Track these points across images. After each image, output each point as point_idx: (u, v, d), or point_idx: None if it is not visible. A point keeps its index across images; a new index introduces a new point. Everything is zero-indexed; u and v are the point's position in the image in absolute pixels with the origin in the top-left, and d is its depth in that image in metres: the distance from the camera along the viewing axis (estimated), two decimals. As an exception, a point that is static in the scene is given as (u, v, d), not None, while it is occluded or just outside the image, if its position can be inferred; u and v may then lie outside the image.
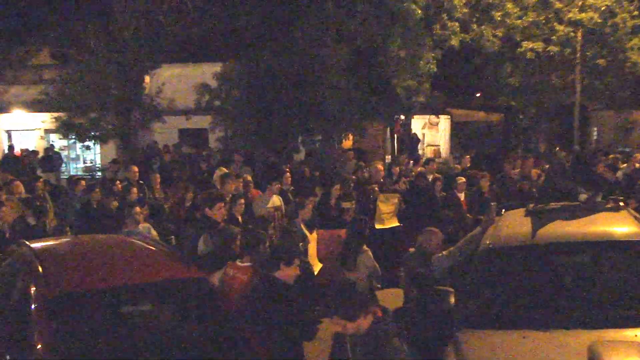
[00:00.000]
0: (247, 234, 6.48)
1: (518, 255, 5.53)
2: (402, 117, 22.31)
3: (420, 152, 26.78)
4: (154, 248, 6.12)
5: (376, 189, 10.79)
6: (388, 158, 22.95)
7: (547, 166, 11.98)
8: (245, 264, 5.99)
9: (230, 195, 9.24)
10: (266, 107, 16.38)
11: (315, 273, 8.00)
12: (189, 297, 5.40)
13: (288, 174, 11.68)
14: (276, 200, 9.92)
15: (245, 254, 6.12)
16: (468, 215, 10.47)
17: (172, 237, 9.67)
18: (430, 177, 11.96)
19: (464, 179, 11.28)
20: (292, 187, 11.50)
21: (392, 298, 7.69)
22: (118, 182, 11.57)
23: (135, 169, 11.87)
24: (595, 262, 5.64)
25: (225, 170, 11.87)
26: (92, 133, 18.02)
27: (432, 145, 29.82)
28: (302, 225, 8.49)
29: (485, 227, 6.10)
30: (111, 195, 10.36)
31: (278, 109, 16.32)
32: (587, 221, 5.71)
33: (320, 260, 8.35)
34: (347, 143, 20.86)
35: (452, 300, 5.28)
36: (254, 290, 5.40)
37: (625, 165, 15.10)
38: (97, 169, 22.88)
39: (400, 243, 9.64)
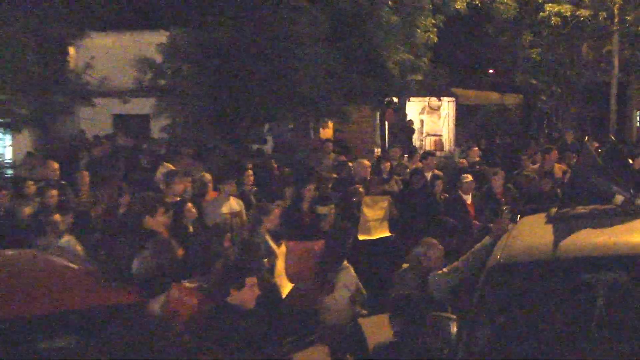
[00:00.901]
0: (198, 248, 6.49)
1: (537, 274, 5.52)
2: (395, 99, 22.35)
3: (417, 143, 26.92)
4: (77, 267, 6.06)
5: (361, 190, 10.79)
6: (377, 151, 23.00)
7: (575, 160, 12.08)
8: (195, 285, 5.97)
9: (178, 198, 9.17)
10: (224, 88, 16.28)
11: (284, 296, 7.97)
12: (121, 329, 5.34)
13: (250, 171, 11.62)
14: (234, 204, 9.92)
15: (196, 273, 6.11)
16: (476, 222, 10.52)
17: (103, 252, 9.56)
18: (428, 175, 11.99)
19: (471, 177, 11.33)
20: (255, 188, 11.47)
21: (380, 327, 7.69)
22: (31, 182, 11.40)
23: (55, 165, 11.73)
24: (635, 283, 5.67)
25: (171, 167, 11.79)
26: (1, 120, 17.77)
27: (433, 135, 30.03)
28: (268, 237, 8.51)
29: (496, 237, 6.10)
30: (23, 199, 10.21)
31: (240, 89, 16.21)
32: (624, 230, 5.71)
33: (290, 280, 8.33)
34: (326, 132, 20.87)
35: (454, 329, 5.26)
36: (204, 318, 5.38)
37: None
38: (7, 165, 22.55)
39: (391, 258, 9.64)
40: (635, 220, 5.90)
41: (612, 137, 7.76)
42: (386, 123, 24.33)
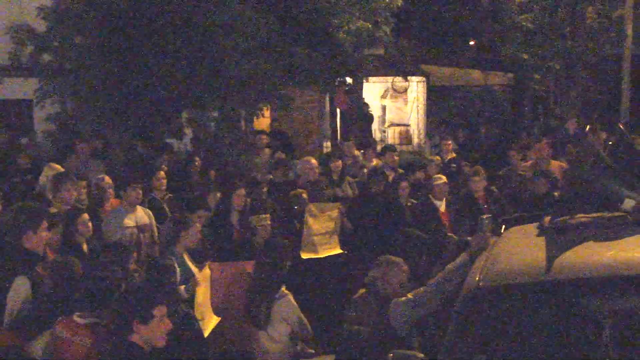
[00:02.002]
0: (94, 271, 6.43)
1: (527, 300, 5.57)
2: (348, 80, 22.40)
3: (377, 135, 27.02)
4: None
5: (304, 195, 10.81)
6: (327, 146, 23.04)
7: (575, 155, 12.27)
8: (88, 321, 5.91)
9: (69, 208, 9.10)
10: (129, 66, 16.14)
11: (207, 332, 7.96)
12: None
13: (163, 172, 11.55)
14: (141, 214, 9.91)
15: (89, 306, 6.05)
16: (451, 235, 10.59)
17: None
18: (391, 176, 12.03)
19: (444, 178, 11.41)
20: (169, 194, 11.43)
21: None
22: None
23: None
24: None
25: (59, 167, 11.66)
26: None
27: (398, 125, 30.15)
28: (186, 256, 8.50)
29: (474, 254, 6.15)
30: None
31: (150, 68, 16.09)
32: (635, 243, 5.79)
33: (216, 312, 8.33)
34: (261, 122, 20.80)
35: (423, 371, 5.29)
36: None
37: None
38: None
39: (342, 282, 9.68)
40: (649, 230, 6.01)
41: (622, 126, 7.81)
42: (338, 110, 24.35)
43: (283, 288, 7.49)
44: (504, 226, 6.96)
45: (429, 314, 6.30)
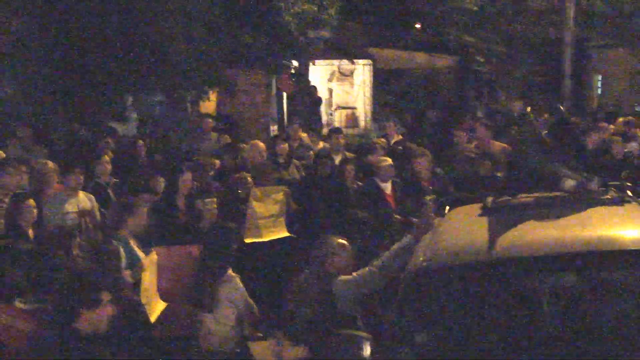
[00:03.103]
0: (35, 257, 6.38)
1: (469, 279, 5.63)
2: (295, 63, 22.38)
3: (325, 118, 27.01)
4: None
5: (249, 179, 10.78)
6: (274, 129, 22.99)
7: (516, 137, 12.39)
8: (29, 307, 5.86)
9: (11, 194, 9.06)
10: (72, 48, 15.98)
11: (153, 317, 7.92)
12: None
13: (107, 157, 11.46)
14: (84, 200, 9.84)
15: (31, 290, 6.00)
16: (397, 216, 10.65)
17: None
18: (337, 158, 12.05)
19: (390, 160, 11.44)
20: (114, 179, 11.38)
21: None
22: None
23: None
24: (589, 285, 5.85)
25: (0, 153, 11.53)
26: None
27: (344, 108, 30.14)
28: (132, 241, 8.46)
29: (419, 234, 6.20)
30: None
31: (93, 50, 15.94)
32: (575, 222, 5.90)
33: (162, 297, 8.29)
34: (207, 106, 20.71)
35: (368, 350, 5.32)
36: (43, 348, 5.29)
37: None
38: None
39: (289, 263, 9.68)
40: (587, 209, 6.10)
41: (562, 108, 7.94)
42: (284, 94, 24.31)
43: (229, 271, 7.47)
44: (447, 207, 7.01)
45: (373, 293, 6.34)
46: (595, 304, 5.69)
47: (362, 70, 30.63)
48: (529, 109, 11.48)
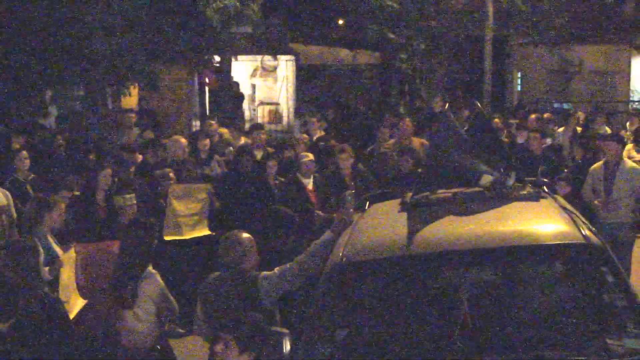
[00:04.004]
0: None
1: (388, 274, 5.68)
2: (217, 58, 22.26)
3: (248, 114, 26.96)
4: None
5: (171, 175, 10.71)
6: (196, 125, 22.85)
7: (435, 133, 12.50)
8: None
9: None
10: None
11: (73, 314, 7.83)
12: None
13: (25, 152, 11.30)
14: (-1, 196, 9.68)
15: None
16: (319, 212, 10.68)
17: None
18: (259, 155, 12.03)
19: (311, 156, 11.46)
20: (32, 175, 11.23)
21: (199, 349, 7.71)
22: None
23: None
24: (505, 279, 5.94)
25: None
26: None
27: (267, 104, 30.08)
28: (50, 238, 8.36)
29: (338, 230, 6.21)
30: None
31: (11, 43, 15.66)
32: (492, 217, 5.98)
33: (81, 293, 8.20)
34: (129, 101, 20.49)
35: (287, 347, 5.32)
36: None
37: (562, 129, 16.23)
38: None
39: (211, 262, 9.63)
40: (505, 205, 6.19)
41: (478, 104, 8.01)
42: (206, 89, 24.17)
43: (149, 267, 7.40)
44: (367, 203, 7.05)
45: (294, 290, 6.34)
46: (512, 298, 5.81)
47: (285, 66, 30.58)
48: (447, 105, 11.56)
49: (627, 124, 18.27)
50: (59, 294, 7.76)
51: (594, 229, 5.74)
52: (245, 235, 6.61)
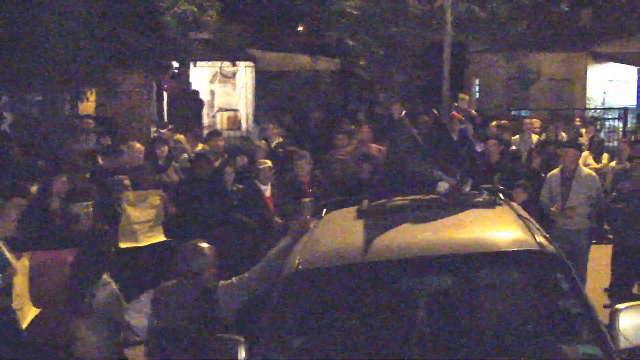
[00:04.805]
0: None
1: (344, 282, 5.66)
2: (175, 64, 22.19)
3: (207, 120, 26.89)
4: None
5: (126, 182, 10.65)
6: (154, 132, 22.74)
7: (393, 139, 12.55)
8: None
9: None
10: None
11: (25, 323, 7.77)
12: None
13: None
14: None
15: None
16: (276, 219, 10.67)
17: None
18: (216, 162, 11.99)
19: (269, 163, 11.46)
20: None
21: None
22: None
23: None
24: (461, 287, 5.96)
25: None
26: None
27: (226, 110, 30.00)
28: (2, 245, 8.25)
29: (295, 237, 6.20)
30: None
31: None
32: (448, 224, 6.00)
33: (35, 302, 8.13)
34: (86, 107, 20.39)
35: (243, 354, 5.30)
36: None
37: (517, 137, 16.38)
38: None
39: (167, 269, 9.60)
40: (462, 212, 6.22)
41: (435, 111, 8.04)
42: (165, 95, 24.07)
43: (105, 276, 7.36)
44: (325, 210, 7.04)
45: (252, 299, 6.32)
46: (468, 305, 5.82)
47: (244, 72, 30.55)
48: (404, 112, 11.59)
49: (583, 131, 18.44)
50: (12, 302, 7.69)
51: (548, 236, 5.76)
52: (207, 245, 6.56)
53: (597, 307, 5.56)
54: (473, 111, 20.68)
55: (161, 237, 10.26)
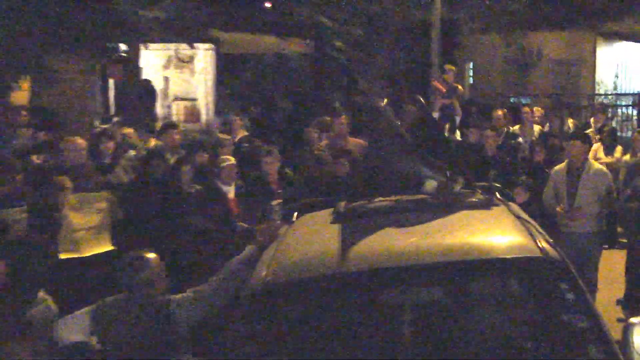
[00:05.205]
0: None
1: (320, 297, 5.67)
2: (123, 46, 22.16)
3: (160, 111, 26.83)
4: None
5: (67, 183, 10.60)
6: (98, 125, 22.68)
7: (374, 132, 12.58)
8: None
9: None
10: None
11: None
12: None
13: None
14: None
15: None
16: (240, 223, 10.66)
17: None
18: (172, 159, 11.98)
19: (233, 160, 11.46)
20: None
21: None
22: None
23: None
24: (452, 298, 5.98)
25: None
26: None
27: (184, 99, 29.95)
28: None
29: (262, 245, 6.21)
30: None
31: None
32: (436, 228, 6.00)
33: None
34: (19, 96, 20.30)
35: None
36: None
37: (516, 127, 16.43)
38: None
39: (112, 281, 9.58)
40: (452, 214, 6.25)
41: (421, 99, 7.99)
42: (111, 81, 24.00)
43: (41, 293, 7.32)
44: (296, 213, 7.05)
45: (211, 314, 6.32)
46: (460, 319, 5.84)
47: (204, 56, 30.47)
48: (385, 100, 11.50)
49: (592, 120, 18.50)
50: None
51: (552, 240, 5.79)
52: (152, 256, 6.55)
53: (608, 321, 5.59)
54: (460, 86, 20.66)
55: (107, 246, 10.22)
